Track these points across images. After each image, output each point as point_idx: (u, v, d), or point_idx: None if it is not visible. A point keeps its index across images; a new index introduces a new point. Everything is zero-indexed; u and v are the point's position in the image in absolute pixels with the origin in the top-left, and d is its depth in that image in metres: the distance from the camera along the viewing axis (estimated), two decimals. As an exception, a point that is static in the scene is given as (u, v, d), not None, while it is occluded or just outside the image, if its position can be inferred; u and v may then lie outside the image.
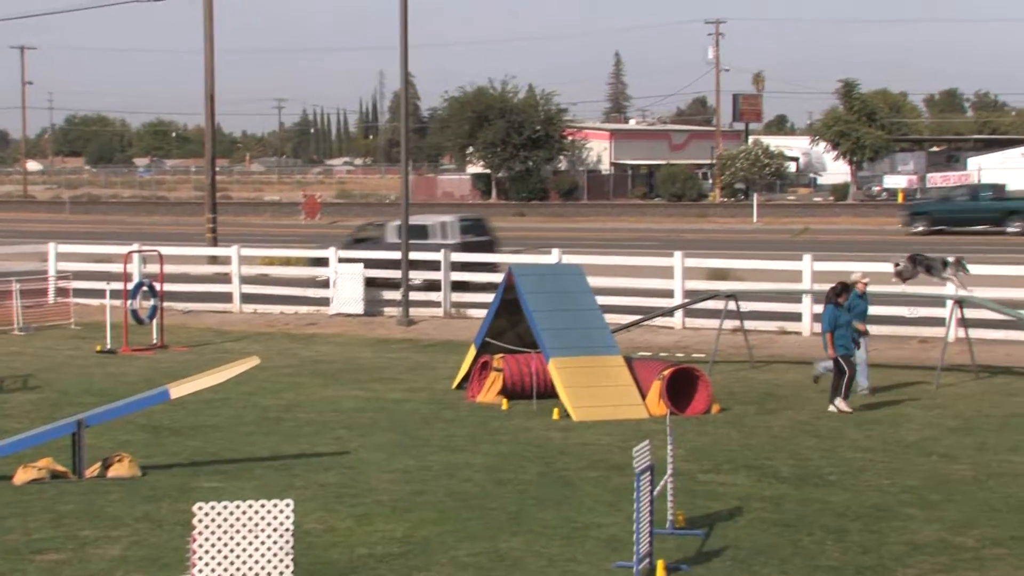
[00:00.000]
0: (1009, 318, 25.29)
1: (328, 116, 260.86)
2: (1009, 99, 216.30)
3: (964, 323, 24.75)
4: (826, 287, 29.08)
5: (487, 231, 41.39)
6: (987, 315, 25.82)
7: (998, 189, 70.29)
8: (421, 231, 38.44)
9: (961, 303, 24.67)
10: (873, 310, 21.42)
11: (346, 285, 34.32)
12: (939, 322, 26.35)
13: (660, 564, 12.28)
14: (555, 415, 20.37)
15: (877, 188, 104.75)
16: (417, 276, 35.30)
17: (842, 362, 20.86)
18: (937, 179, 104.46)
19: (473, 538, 13.55)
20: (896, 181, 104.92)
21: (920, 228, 66.45)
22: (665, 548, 12.86)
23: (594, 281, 25.17)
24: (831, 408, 20.77)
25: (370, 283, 34.58)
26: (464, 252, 36.16)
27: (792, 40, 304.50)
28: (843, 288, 21.41)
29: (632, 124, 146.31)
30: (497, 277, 31.18)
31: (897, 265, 24.84)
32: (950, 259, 24.71)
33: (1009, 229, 64.24)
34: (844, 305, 21.13)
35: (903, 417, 20.46)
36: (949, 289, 24.66)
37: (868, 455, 17.71)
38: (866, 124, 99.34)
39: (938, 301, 26.69)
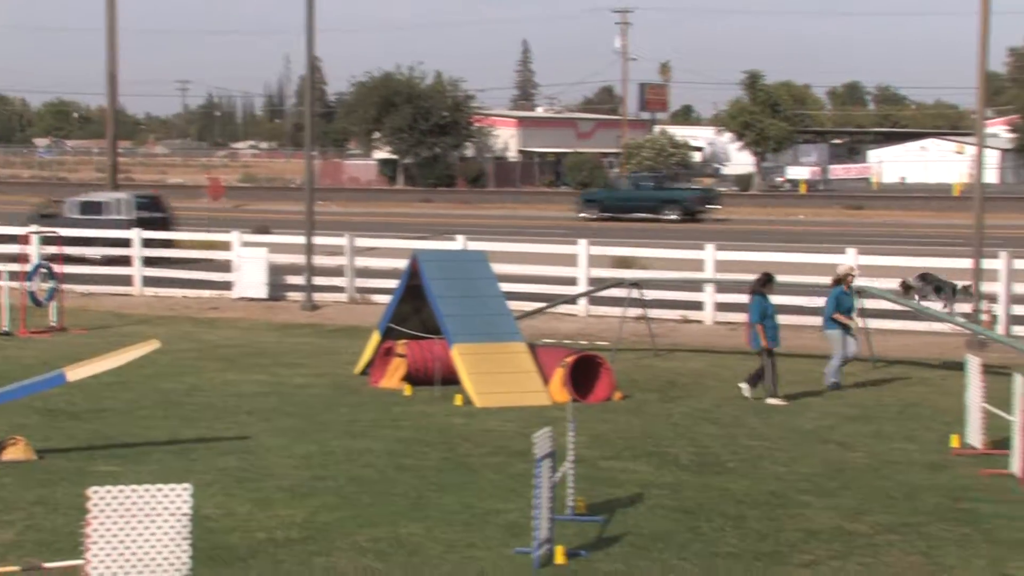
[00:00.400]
0: (906, 308, 25.66)
1: (234, 99, 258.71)
2: (909, 93, 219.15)
3: (863, 313, 25.07)
4: (727, 276, 29.52)
5: (163, 208, 44.12)
6: (885, 305, 26.13)
7: (659, 180, 76.86)
8: (97, 207, 42.16)
9: (860, 293, 24.97)
10: (772, 299, 21.55)
11: (250, 269, 34.09)
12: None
13: (559, 550, 12.32)
14: (458, 401, 20.37)
15: (780, 179, 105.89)
16: (96, 252, 37.98)
17: (764, 355, 20.96)
18: (839, 171, 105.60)
19: (373, 524, 13.52)
20: (799, 172, 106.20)
21: (590, 214, 71.06)
22: (565, 534, 12.90)
23: (499, 268, 25.20)
24: (769, 401, 20.78)
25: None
26: (139, 228, 37.18)
27: (699, 30, 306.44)
28: (768, 278, 21.48)
29: (540, 112, 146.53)
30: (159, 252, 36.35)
31: (905, 283, 24.80)
32: (959, 285, 24.74)
33: (665, 216, 69.41)
34: (767, 297, 21.17)
35: (802, 405, 20.68)
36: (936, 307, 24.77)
37: (767, 443, 17.89)
38: (770, 115, 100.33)
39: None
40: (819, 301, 27.97)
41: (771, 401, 20.74)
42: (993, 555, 12.70)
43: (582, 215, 71.42)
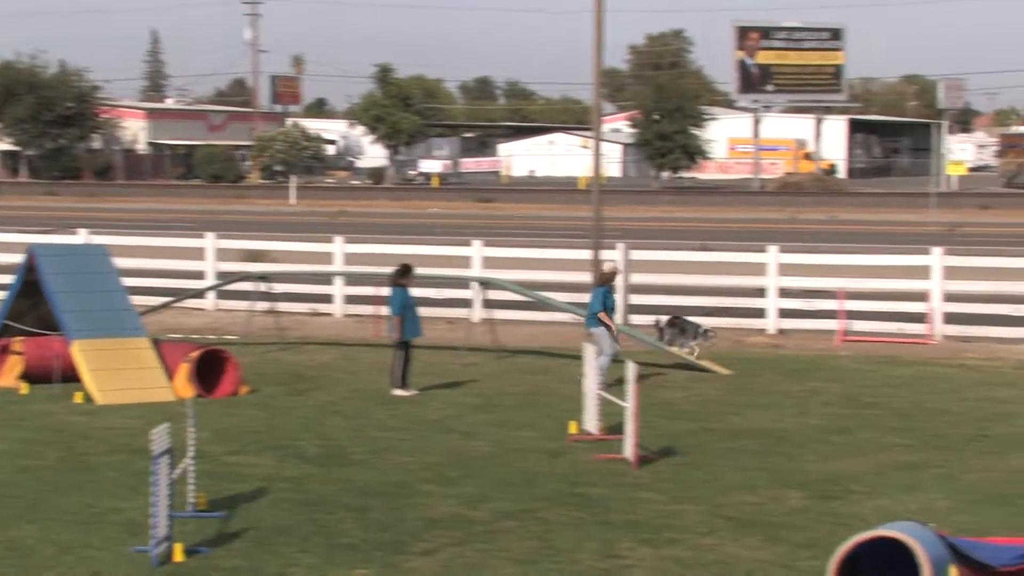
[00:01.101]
0: (530, 299, 26.33)
1: None
2: (538, 88, 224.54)
3: (488, 304, 25.63)
4: (357, 269, 29.65)
5: None
6: (510, 297, 26.69)
7: None
8: None
9: (486, 285, 25.54)
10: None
11: None
12: (466, 303, 27.05)
13: (178, 547, 12.17)
14: (78, 399, 19.83)
15: (413, 172, 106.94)
16: None
17: (400, 348, 21.06)
18: (471, 164, 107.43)
19: (-15, 528, 13.05)
20: (431, 165, 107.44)
21: None
22: (186, 531, 12.74)
23: (123, 262, 24.68)
24: (395, 392, 20.88)
25: None
26: None
27: (332, 23, 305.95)
28: (406, 269, 21.49)
29: (170, 104, 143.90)
30: None
31: (659, 325, 24.21)
32: (702, 328, 24.04)
33: None
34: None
35: (428, 396, 20.95)
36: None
37: (393, 434, 18.07)
38: (402, 109, 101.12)
39: (464, 283, 27.52)
40: (449, 292, 28.53)
41: (397, 392, 20.94)
42: (605, 537, 13.16)
43: None
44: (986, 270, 28.24)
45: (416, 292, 27.41)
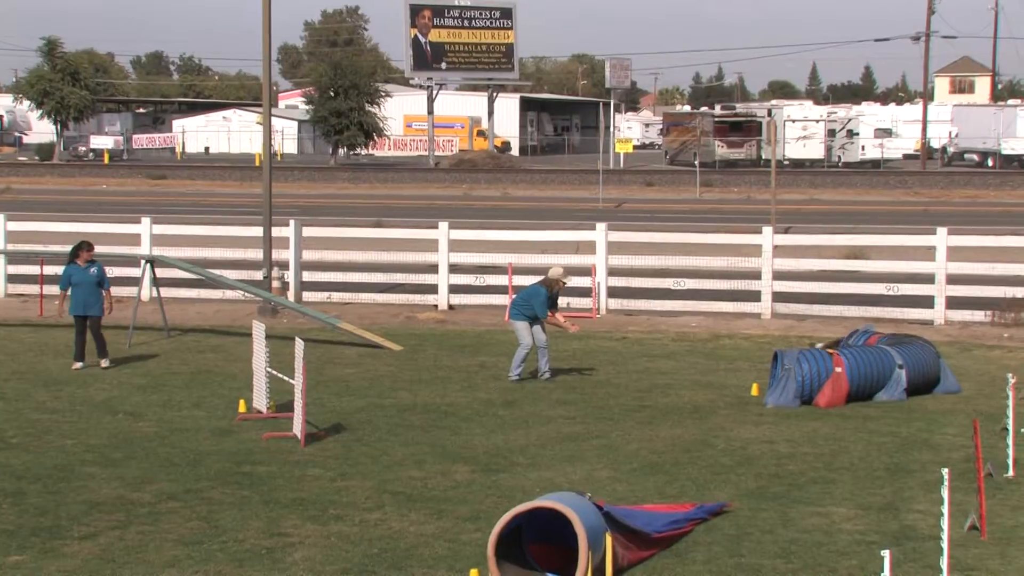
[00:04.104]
0: (200, 277, 26.00)
1: None
2: (213, 64, 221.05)
3: (157, 283, 25.19)
4: (23, 248, 28.75)
5: None
6: (180, 275, 26.30)
7: None
8: None
9: (153, 262, 25.09)
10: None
11: None
12: (133, 281, 26.52)
13: None
14: None
15: (83, 148, 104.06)
16: None
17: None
18: (143, 140, 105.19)
19: None
20: (103, 141, 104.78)
21: None
22: None
23: None
24: (78, 366, 21.02)
25: None
26: None
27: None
28: (82, 247, 21.45)
29: None
30: None
31: None
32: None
33: None
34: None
35: (93, 377, 20.47)
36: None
37: (55, 416, 17.61)
38: (71, 84, 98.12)
39: (133, 261, 26.95)
40: (117, 271, 27.83)
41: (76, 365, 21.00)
42: (271, 515, 13.13)
43: None
44: (648, 245, 29.17)
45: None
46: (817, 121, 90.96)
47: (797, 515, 13.31)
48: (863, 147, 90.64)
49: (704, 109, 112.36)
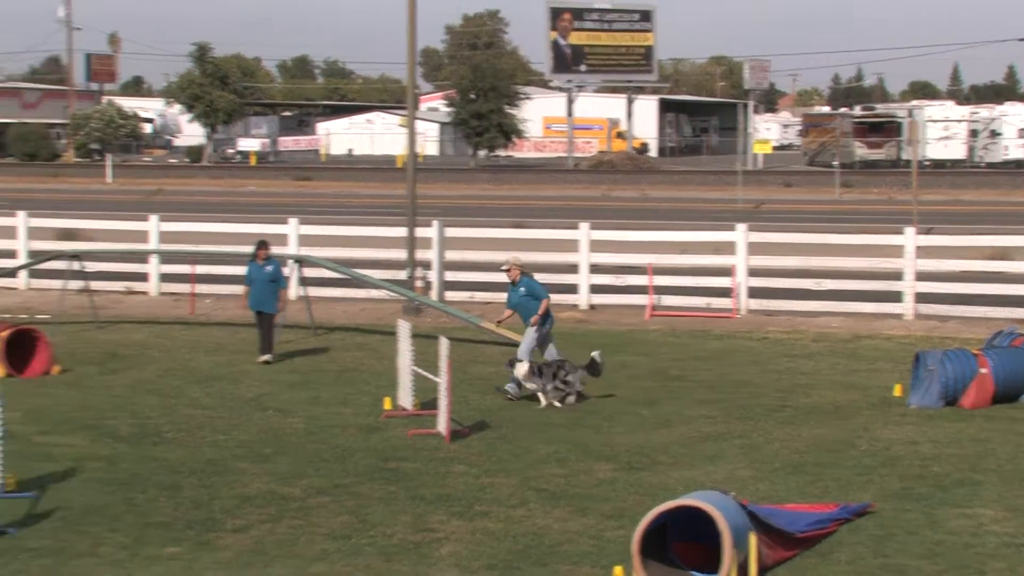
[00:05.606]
0: (345, 276, 26.45)
1: None
2: (356, 67, 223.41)
3: (304, 282, 25.67)
4: (175, 247, 29.46)
5: None
6: (326, 274, 26.75)
7: None
8: None
9: (301, 262, 25.59)
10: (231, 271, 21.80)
11: None
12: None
13: (-14, 528, 12.11)
14: None
15: (231, 150, 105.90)
16: None
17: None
18: (289, 143, 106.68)
19: None
20: (250, 144, 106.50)
21: None
22: (-6, 512, 12.68)
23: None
24: (265, 359, 21.76)
25: None
26: None
27: (149, 0, 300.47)
28: (260, 245, 22.34)
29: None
30: None
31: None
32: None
33: None
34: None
35: (243, 374, 20.96)
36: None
37: (207, 411, 18.07)
38: (219, 88, 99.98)
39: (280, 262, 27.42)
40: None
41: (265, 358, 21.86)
42: (417, 511, 13.39)
43: None
44: (788, 245, 29.05)
45: (229, 270, 27.66)
46: (959, 121, 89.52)
47: (943, 516, 13.25)
48: (1006, 147, 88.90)
49: (844, 110, 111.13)
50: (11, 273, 29.50)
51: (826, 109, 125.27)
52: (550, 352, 19.97)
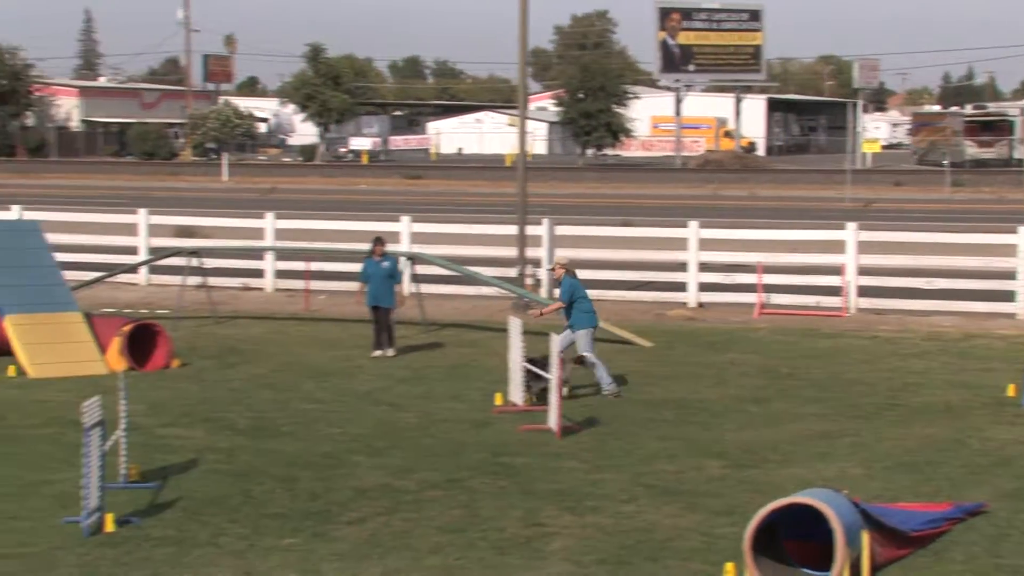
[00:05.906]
0: (457, 274, 26.69)
1: None
2: (466, 67, 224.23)
3: (416, 279, 25.96)
4: (290, 244, 29.90)
5: None
6: (438, 271, 26.99)
7: None
8: None
9: (413, 259, 25.87)
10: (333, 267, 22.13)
11: None
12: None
13: (109, 518, 12.43)
14: (11, 372, 20.02)
15: (343, 149, 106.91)
16: None
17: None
18: (399, 142, 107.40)
19: (-82, 501, 13.25)
20: (361, 143, 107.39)
21: None
22: (118, 502, 13.01)
23: (57, 238, 24.75)
24: (377, 353, 22.23)
25: None
26: None
27: (263, 3, 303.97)
28: (376, 242, 22.66)
29: (103, 82, 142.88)
30: None
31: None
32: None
33: None
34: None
35: (357, 368, 21.27)
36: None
37: (321, 406, 18.38)
38: (332, 88, 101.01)
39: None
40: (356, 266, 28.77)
41: (388, 352, 22.30)
42: (529, 506, 13.54)
43: None
44: (898, 244, 28.86)
45: (342, 267, 28.05)
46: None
47: (1059, 517, 13.16)
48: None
49: (955, 108, 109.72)
50: (132, 269, 30.10)
51: (936, 108, 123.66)
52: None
